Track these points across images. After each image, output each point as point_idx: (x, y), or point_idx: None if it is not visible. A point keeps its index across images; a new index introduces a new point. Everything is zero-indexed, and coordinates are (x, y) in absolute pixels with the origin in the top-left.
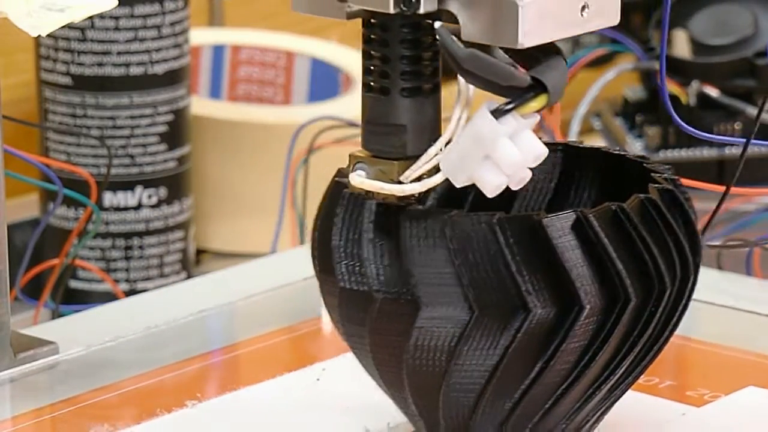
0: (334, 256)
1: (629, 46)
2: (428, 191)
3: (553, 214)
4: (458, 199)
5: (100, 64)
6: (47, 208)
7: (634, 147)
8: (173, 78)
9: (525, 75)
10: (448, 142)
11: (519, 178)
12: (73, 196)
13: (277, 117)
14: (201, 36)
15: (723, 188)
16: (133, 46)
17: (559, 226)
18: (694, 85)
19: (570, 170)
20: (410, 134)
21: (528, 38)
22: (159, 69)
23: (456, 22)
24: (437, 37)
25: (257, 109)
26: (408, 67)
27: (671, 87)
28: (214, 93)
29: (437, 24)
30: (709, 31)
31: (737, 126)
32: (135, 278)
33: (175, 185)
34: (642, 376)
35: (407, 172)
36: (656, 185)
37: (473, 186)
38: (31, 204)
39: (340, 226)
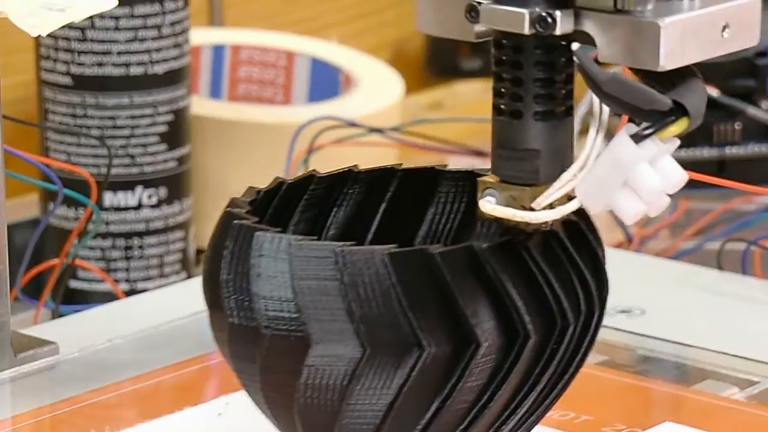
0: (223, 290)
1: None
2: (327, 220)
3: (448, 248)
4: (362, 227)
5: (100, 64)
6: (47, 208)
7: None
8: (173, 78)
9: (666, 98)
10: (582, 168)
11: (658, 206)
12: (73, 196)
13: (277, 117)
14: (201, 36)
15: (725, 182)
16: (133, 46)
17: (454, 260)
18: None
19: (477, 199)
20: (543, 159)
21: (669, 60)
22: (159, 69)
23: (592, 43)
24: (576, 59)
25: (257, 109)
26: (542, 90)
27: None
28: (214, 93)
29: (576, 46)
30: None
31: (737, 126)
32: (135, 278)
33: (175, 185)
34: (557, 411)
35: (539, 199)
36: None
37: (378, 214)
38: (31, 204)
39: (229, 259)
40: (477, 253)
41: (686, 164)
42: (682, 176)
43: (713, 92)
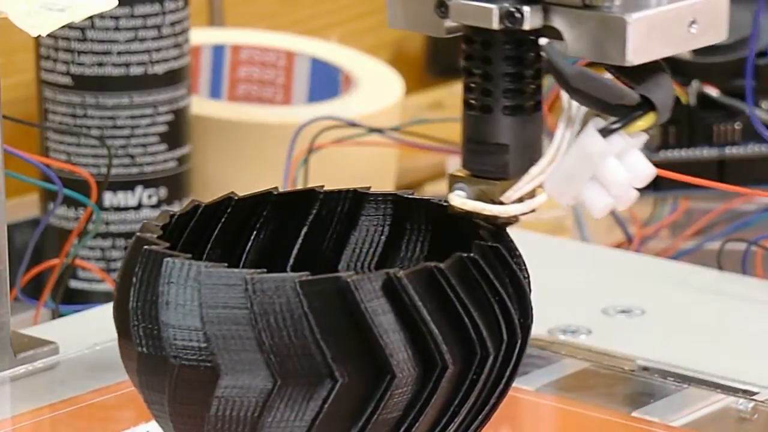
0: (132, 318)
1: None
2: (246, 245)
3: (361, 275)
4: (282, 252)
5: (100, 64)
6: (47, 208)
7: None
8: (173, 78)
9: (634, 93)
10: (550, 162)
11: (625, 199)
12: (73, 196)
13: (277, 117)
14: (201, 36)
15: (725, 186)
16: (133, 46)
17: (369, 288)
18: (694, 85)
19: (401, 222)
20: (512, 153)
21: (636, 55)
22: (159, 69)
23: (561, 38)
24: (544, 54)
25: (257, 109)
26: (511, 85)
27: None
28: (214, 93)
29: (544, 41)
30: None
31: (737, 126)
32: None
33: (175, 185)
34: None
35: (508, 193)
36: (481, 242)
37: (300, 237)
38: (31, 204)
39: (138, 286)
40: (393, 280)
41: (686, 164)
42: (649, 170)
43: (713, 92)
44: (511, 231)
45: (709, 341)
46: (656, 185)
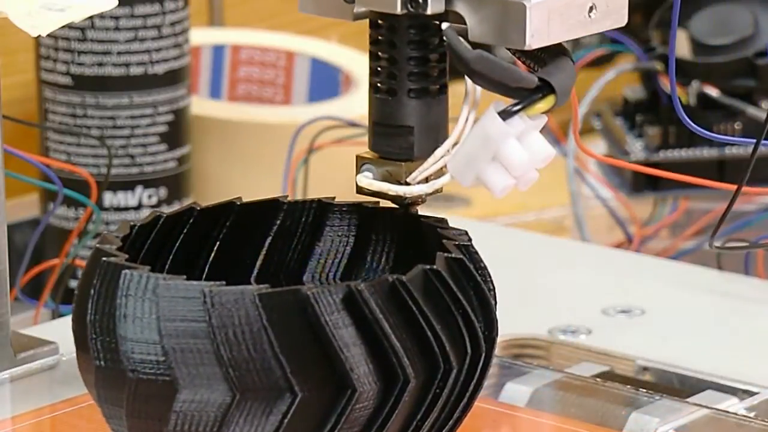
0: (89, 331)
1: (629, 46)
2: (208, 256)
3: (321, 287)
4: (245, 263)
5: (100, 64)
6: (47, 208)
7: (635, 147)
8: (173, 78)
9: (533, 76)
10: (455, 144)
11: (526, 180)
12: (73, 196)
13: (277, 117)
14: (201, 36)
15: (726, 186)
16: (133, 46)
17: (329, 300)
18: (694, 85)
19: (366, 233)
20: (417, 135)
21: (535, 39)
22: (159, 69)
23: (463, 23)
24: (445, 38)
25: (257, 109)
26: (415, 69)
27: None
28: (214, 93)
29: (445, 25)
30: (709, 31)
31: (737, 126)
32: None
33: (175, 185)
34: None
35: (414, 174)
36: (445, 254)
37: (264, 248)
38: (31, 204)
39: (96, 298)
40: (354, 293)
41: (686, 164)
42: (548, 152)
43: (713, 92)
44: (512, 230)
45: (709, 341)
46: (656, 185)
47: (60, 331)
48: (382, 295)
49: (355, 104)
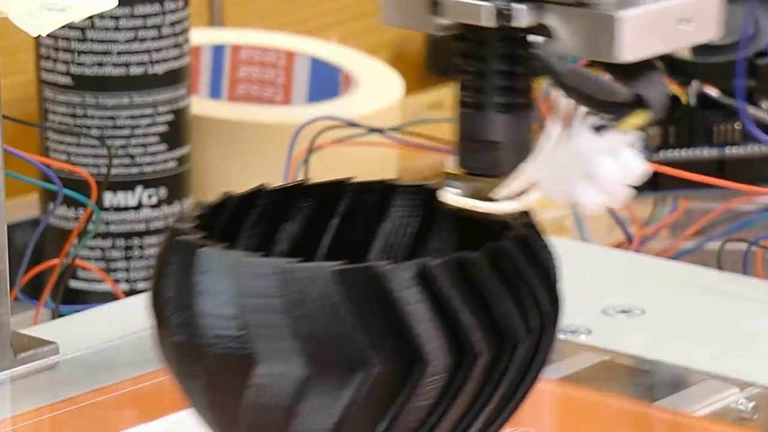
0: (167, 307)
1: None
2: (278, 235)
3: (395, 265)
4: (313, 242)
5: (100, 64)
6: (47, 208)
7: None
8: (173, 78)
9: (626, 90)
10: (544, 159)
11: (619, 196)
12: (73, 196)
13: (277, 117)
14: (201, 36)
15: (726, 183)
16: (133, 46)
17: (402, 277)
18: (694, 85)
19: (431, 213)
20: (505, 151)
21: (627, 52)
22: (159, 69)
23: (554, 36)
24: (537, 52)
25: (257, 109)
26: (504, 83)
27: (671, 87)
28: (214, 93)
29: (536, 38)
30: None
31: (737, 126)
32: (135, 278)
33: (175, 185)
34: (516, 428)
35: (501, 190)
36: (511, 233)
37: (331, 228)
38: (31, 204)
39: (174, 276)
40: (425, 270)
41: (686, 164)
42: (641, 168)
43: (713, 92)
44: None
45: (709, 341)
46: (656, 185)
47: (60, 331)
48: (453, 272)
49: (355, 104)
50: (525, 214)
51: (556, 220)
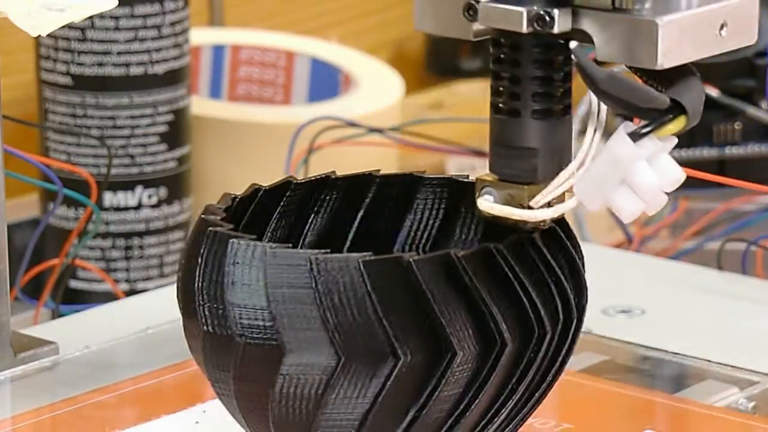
0: (197, 298)
1: None
2: (305, 227)
3: (423, 256)
4: (340, 234)
5: (100, 64)
6: (47, 208)
7: None
8: (173, 78)
9: (664, 97)
10: (580, 166)
11: (656, 203)
12: (73, 196)
13: (277, 117)
14: (201, 36)
15: (726, 180)
16: (133, 46)
17: (430, 268)
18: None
19: (456, 206)
20: (541, 158)
21: (667, 58)
22: (159, 69)
23: (590, 41)
24: (573, 57)
25: (257, 109)
26: (540, 89)
27: None
28: (214, 93)
29: (573, 44)
30: None
31: (737, 126)
32: (135, 278)
33: (175, 185)
34: (536, 419)
35: (537, 197)
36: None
37: (356, 220)
38: (31, 204)
39: (203, 267)
40: (453, 261)
41: (686, 164)
42: (679, 174)
43: (713, 92)
44: None
45: (709, 341)
46: None
47: (60, 331)
48: (480, 263)
49: (355, 104)
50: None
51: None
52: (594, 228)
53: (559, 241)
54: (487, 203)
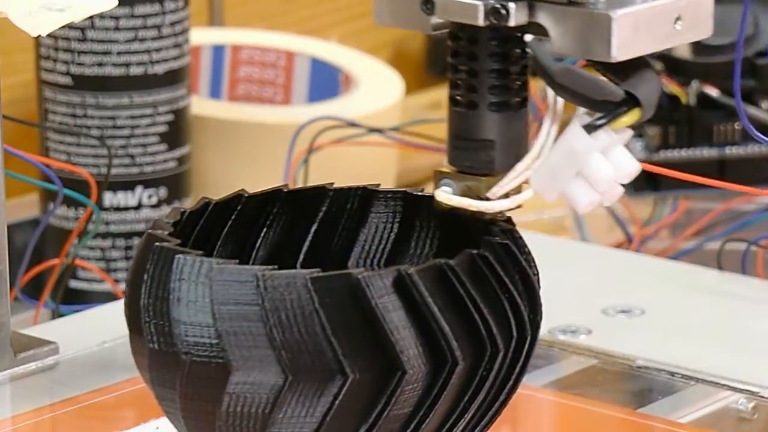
0: (143, 315)
1: None
2: (257, 242)
3: (372, 272)
4: (292, 249)
5: (100, 64)
6: (47, 208)
7: (635, 147)
8: (173, 78)
9: (618, 89)
10: (536, 158)
11: (611, 195)
12: (73, 196)
13: (277, 117)
14: (201, 36)
15: (726, 184)
16: (133, 46)
17: (380, 284)
18: (694, 85)
19: (410, 219)
20: (498, 150)
21: (621, 51)
22: (159, 69)
23: (546, 34)
24: (529, 50)
25: (257, 109)
26: (496, 81)
27: (671, 87)
28: (214, 93)
29: (529, 37)
30: None
31: (737, 126)
32: None
33: (175, 185)
34: None
35: (494, 188)
36: (491, 238)
37: (309, 234)
38: (31, 204)
39: (149, 283)
40: (403, 277)
41: (686, 164)
42: (634, 166)
43: (713, 92)
44: None
45: (709, 341)
46: (656, 185)
47: (60, 331)
48: (431, 279)
49: (355, 104)
50: (508, 221)
51: (556, 220)
52: (594, 228)
53: (513, 257)
54: (445, 195)
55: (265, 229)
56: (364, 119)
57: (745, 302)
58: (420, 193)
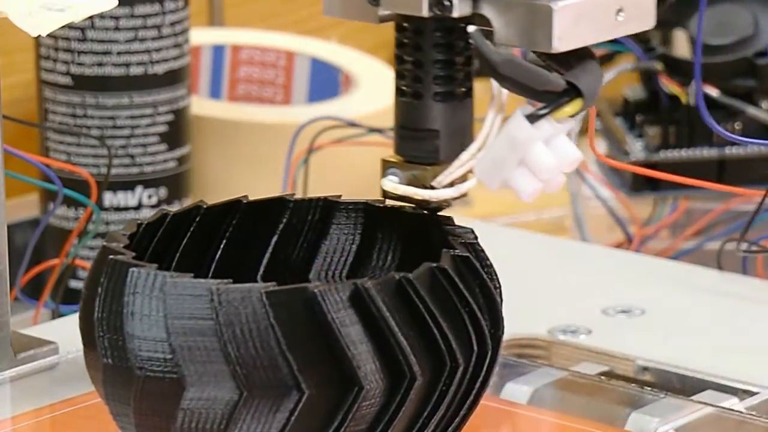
0: (97, 329)
1: (629, 46)
2: (215, 254)
3: (328, 286)
4: (252, 261)
5: (100, 64)
6: (47, 208)
7: (634, 147)
8: (173, 78)
9: (560, 79)
10: (481, 147)
11: (554, 184)
12: (73, 196)
13: (277, 117)
14: (201, 36)
15: (724, 187)
16: (133, 46)
17: (336, 298)
18: (694, 85)
19: (372, 231)
20: (443, 139)
21: (562, 42)
22: (159, 69)
23: (489, 25)
24: (471, 41)
25: (257, 109)
26: (441, 72)
27: (671, 87)
28: (214, 93)
29: (472, 28)
30: (709, 31)
31: (737, 126)
32: None
33: (175, 185)
34: None
35: (440, 177)
36: (451, 251)
37: (270, 246)
38: (31, 204)
39: (103, 296)
40: (361, 291)
41: (686, 164)
42: (576, 155)
43: (713, 92)
44: (512, 230)
45: (709, 341)
46: (656, 185)
47: (60, 331)
48: (389, 293)
49: (355, 104)
50: (471, 233)
51: (556, 220)
52: (594, 228)
53: (473, 270)
54: (391, 184)
55: (224, 242)
56: (364, 119)
57: (745, 302)
58: (381, 205)
